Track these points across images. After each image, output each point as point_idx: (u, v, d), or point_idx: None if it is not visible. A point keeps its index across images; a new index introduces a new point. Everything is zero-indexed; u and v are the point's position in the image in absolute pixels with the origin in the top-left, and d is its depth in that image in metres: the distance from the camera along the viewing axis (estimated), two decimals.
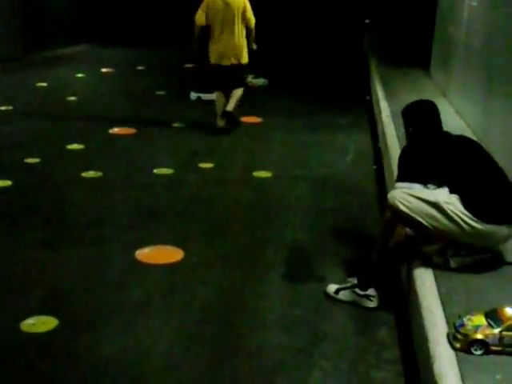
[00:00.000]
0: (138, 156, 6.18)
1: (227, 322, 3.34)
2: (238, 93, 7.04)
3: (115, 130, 6.98)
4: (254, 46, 7.18)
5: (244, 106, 7.92)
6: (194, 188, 5.36)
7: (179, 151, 6.34)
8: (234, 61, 6.92)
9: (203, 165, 5.89)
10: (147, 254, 4.07)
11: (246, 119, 7.60)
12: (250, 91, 9.04)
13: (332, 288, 3.59)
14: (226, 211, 4.88)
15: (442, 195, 3.22)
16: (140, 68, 10.82)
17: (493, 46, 5.71)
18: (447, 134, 3.55)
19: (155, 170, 5.70)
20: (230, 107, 6.93)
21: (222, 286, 3.73)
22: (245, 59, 6.99)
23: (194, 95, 8.54)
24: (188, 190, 5.30)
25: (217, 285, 3.73)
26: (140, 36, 13.76)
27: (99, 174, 5.58)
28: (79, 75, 10.08)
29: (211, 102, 7.48)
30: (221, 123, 7.02)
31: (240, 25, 6.85)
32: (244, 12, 6.86)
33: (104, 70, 10.58)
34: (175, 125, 7.25)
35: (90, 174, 5.57)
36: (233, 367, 2.96)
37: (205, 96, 8.44)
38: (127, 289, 3.65)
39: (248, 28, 6.96)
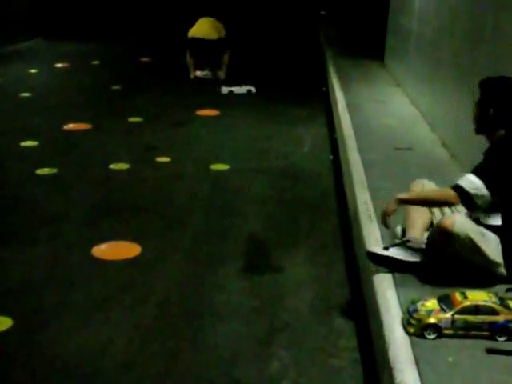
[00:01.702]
0: (93, 151, 6.09)
1: (185, 316, 3.33)
2: None
3: (70, 126, 6.86)
4: None
5: (200, 98, 7.91)
6: (151, 183, 5.31)
7: (135, 146, 6.27)
8: None
9: (160, 159, 5.85)
10: (104, 250, 4.03)
11: (202, 112, 7.57)
12: (205, 83, 9.03)
13: (376, 248, 3.23)
14: (184, 205, 4.86)
15: (496, 253, 2.96)
16: (95, 62, 10.64)
17: (443, 36, 5.81)
18: None
19: (111, 166, 5.64)
20: None
21: (180, 279, 3.72)
22: None
23: (225, 89, 8.62)
24: (145, 185, 5.25)
25: (174, 279, 3.72)
26: (94, 30, 13.53)
27: (54, 170, 5.48)
28: (33, 71, 9.86)
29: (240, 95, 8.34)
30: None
31: None
32: None
33: (58, 64, 10.37)
34: (131, 119, 7.16)
35: (45, 170, 5.47)
36: (191, 360, 2.96)
37: (236, 89, 8.62)
38: (84, 286, 3.61)
39: None
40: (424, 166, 4.78)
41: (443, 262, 3.03)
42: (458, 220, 2.93)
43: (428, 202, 3.15)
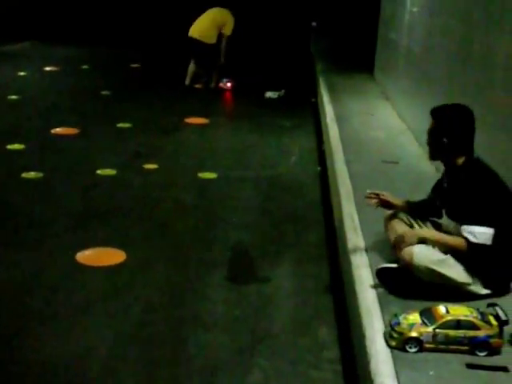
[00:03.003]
0: (80, 156, 6.07)
1: (168, 324, 3.32)
2: None
3: (58, 130, 6.84)
4: None
5: (189, 105, 7.91)
6: (138, 189, 5.30)
7: (123, 152, 6.26)
8: None
9: (147, 166, 5.84)
10: (88, 256, 4.01)
11: (191, 120, 7.57)
12: (198, 92, 9.04)
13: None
14: (170, 213, 4.85)
15: (463, 274, 2.98)
16: (84, 67, 10.63)
17: (432, 51, 5.87)
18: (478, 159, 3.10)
19: (98, 171, 5.62)
20: None
21: (164, 287, 3.71)
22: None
23: (271, 94, 8.93)
24: (132, 192, 5.24)
25: (159, 287, 3.71)
26: (85, 34, 13.50)
27: (40, 174, 5.45)
28: (21, 73, 9.83)
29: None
30: None
31: None
32: None
33: (47, 68, 10.35)
34: (119, 125, 7.15)
35: (31, 174, 5.44)
36: (173, 370, 2.95)
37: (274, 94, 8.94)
38: (67, 292, 3.59)
39: None
40: (409, 180, 4.81)
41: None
42: (416, 252, 2.97)
43: (443, 245, 3.07)
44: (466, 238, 2.94)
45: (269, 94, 9.06)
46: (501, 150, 3.78)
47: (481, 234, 2.91)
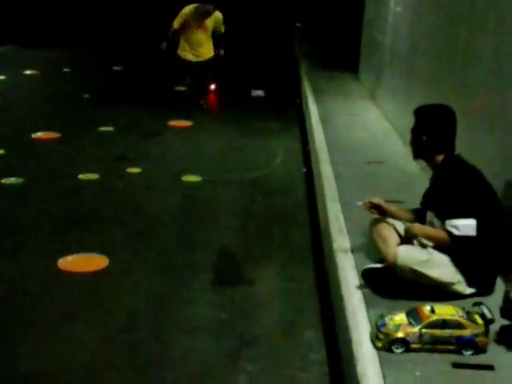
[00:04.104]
0: (62, 161, 5.99)
1: (153, 330, 3.28)
2: None
3: (38, 135, 6.74)
4: None
5: (172, 110, 7.85)
6: (121, 194, 5.24)
7: (106, 156, 6.18)
8: None
9: (131, 169, 5.77)
10: (70, 263, 3.94)
11: (174, 123, 7.51)
12: (178, 96, 8.97)
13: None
14: (154, 217, 4.80)
15: (447, 274, 2.97)
16: (66, 70, 10.51)
17: (416, 51, 5.86)
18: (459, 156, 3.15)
19: (80, 176, 5.54)
20: None
21: (148, 292, 3.66)
22: None
23: (259, 92, 9.01)
24: (114, 196, 5.18)
25: (143, 292, 3.66)
26: (65, 37, 13.35)
27: (20, 180, 5.36)
28: (1, 77, 9.71)
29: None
30: None
31: None
32: None
33: (27, 72, 10.22)
34: (102, 129, 7.07)
35: (11, 180, 5.35)
36: (158, 376, 2.90)
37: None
38: (48, 299, 3.53)
39: None
40: (395, 180, 4.79)
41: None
42: (400, 253, 2.97)
43: (427, 238, 3.11)
44: (449, 232, 2.94)
45: (257, 93, 9.03)
46: (484, 149, 3.77)
47: (464, 226, 2.92)
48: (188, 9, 8.01)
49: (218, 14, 8.19)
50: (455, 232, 2.93)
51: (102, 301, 3.54)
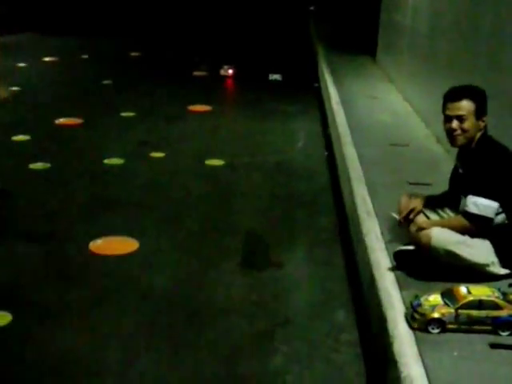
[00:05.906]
0: (86, 146, 6.05)
1: (186, 311, 3.32)
2: None
3: (61, 121, 6.80)
4: None
5: (191, 95, 7.87)
6: (146, 178, 5.29)
7: (129, 141, 6.23)
8: None
9: (154, 154, 5.82)
10: (101, 246, 4.00)
11: (194, 108, 7.54)
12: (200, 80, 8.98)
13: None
14: (180, 200, 4.84)
15: (481, 256, 2.95)
16: (84, 57, 10.57)
17: (437, 31, 5.82)
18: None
19: (105, 161, 5.59)
20: None
21: (179, 274, 3.70)
22: None
23: (276, 76, 9.16)
24: (140, 180, 5.22)
25: (173, 274, 3.70)
26: (82, 24, 13.41)
27: (47, 165, 5.43)
28: (21, 64, 9.76)
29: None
30: None
31: None
32: None
33: (47, 59, 10.28)
34: (124, 114, 7.12)
35: (38, 165, 5.42)
36: (194, 356, 2.95)
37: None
38: (81, 282, 3.58)
39: None
40: (420, 162, 4.79)
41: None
42: (434, 235, 2.95)
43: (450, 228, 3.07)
44: (465, 212, 2.94)
45: (274, 77, 9.02)
46: (508, 133, 3.74)
47: (485, 206, 2.92)
48: None
49: None
50: (474, 210, 2.93)
51: (134, 283, 3.58)
